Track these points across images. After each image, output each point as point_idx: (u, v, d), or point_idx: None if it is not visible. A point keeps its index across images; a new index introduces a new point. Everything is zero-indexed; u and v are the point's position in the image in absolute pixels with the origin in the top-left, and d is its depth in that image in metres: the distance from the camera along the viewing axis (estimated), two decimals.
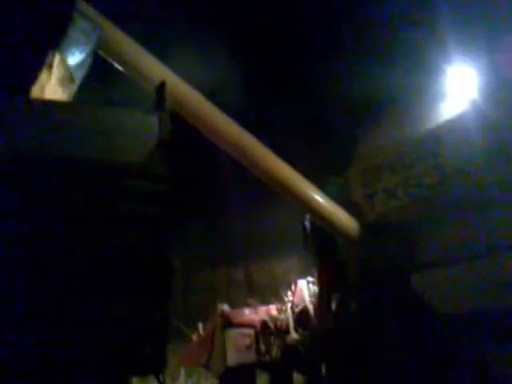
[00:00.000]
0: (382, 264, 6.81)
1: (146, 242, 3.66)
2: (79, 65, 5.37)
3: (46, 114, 3.76)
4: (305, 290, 8.51)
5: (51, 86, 4.87)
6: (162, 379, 3.69)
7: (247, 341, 8.36)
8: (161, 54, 6.06)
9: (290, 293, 8.79)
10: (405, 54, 6.68)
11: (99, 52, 5.78)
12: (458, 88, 6.10)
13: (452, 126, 6.06)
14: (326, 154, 7.82)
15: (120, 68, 5.90)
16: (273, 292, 9.58)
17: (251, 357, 8.34)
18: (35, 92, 4.62)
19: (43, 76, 4.86)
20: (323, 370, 7.89)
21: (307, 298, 8.41)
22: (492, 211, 5.59)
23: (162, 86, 4.31)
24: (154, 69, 5.83)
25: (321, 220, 7.09)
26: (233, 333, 8.33)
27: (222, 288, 16.76)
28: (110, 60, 5.89)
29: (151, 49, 6.03)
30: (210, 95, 6.26)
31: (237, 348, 8.28)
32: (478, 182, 5.68)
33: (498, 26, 5.80)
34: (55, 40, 5.24)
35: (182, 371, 9.61)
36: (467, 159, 5.86)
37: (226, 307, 8.67)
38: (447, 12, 6.17)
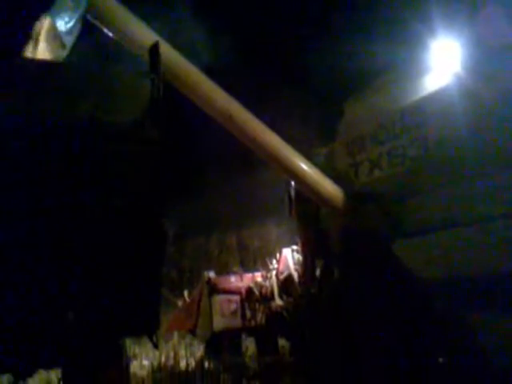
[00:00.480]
0: (366, 232, 6.98)
1: (139, 206, 3.69)
2: (69, 30, 5.35)
3: (37, 76, 3.71)
4: (289, 257, 8.73)
5: (41, 52, 4.86)
6: (154, 340, 3.78)
7: (233, 306, 8.60)
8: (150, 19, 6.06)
9: (274, 260, 9.01)
10: (389, 28, 6.76)
11: (89, 18, 5.78)
12: (441, 61, 6.17)
13: (436, 98, 6.16)
14: (312, 124, 7.92)
15: (110, 34, 5.89)
16: (266, 258, 9.72)
17: (237, 322, 8.59)
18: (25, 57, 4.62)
19: (33, 41, 4.85)
20: (307, 336, 8.09)
21: (292, 266, 8.63)
22: (473, 182, 5.71)
23: (155, 47, 4.26)
24: (145, 35, 5.83)
25: (306, 188, 7.23)
26: (219, 299, 8.55)
27: (214, 254, 16.99)
28: (100, 26, 5.88)
29: (141, 14, 6.03)
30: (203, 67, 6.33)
31: (222, 313, 8.51)
32: (461, 153, 5.81)
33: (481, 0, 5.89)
34: (44, 4, 5.22)
35: (176, 333, 9.82)
36: (450, 131, 5.98)
37: (211, 274, 8.87)
38: None
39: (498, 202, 5.48)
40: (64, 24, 5.23)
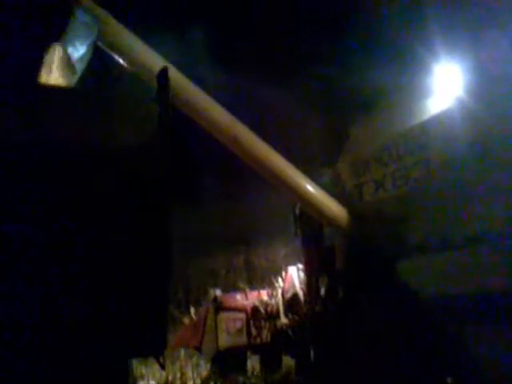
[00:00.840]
0: (369, 251, 7.08)
1: (147, 227, 3.68)
2: (80, 57, 5.54)
3: (53, 101, 3.73)
4: (295, 276, 8.82)
5: (54, 78, 5.03)
6: (161, 360, 3.77)
7: (238, 324, 8.69)
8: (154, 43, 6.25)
9: (280, 279, 9.10)
10: (394, 53, 6.92)
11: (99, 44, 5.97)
12: (444, 85, 6.33)
13: (438, 121, 6.31)
14: (318, 145, 8.07)
15: (120, 60, 6.08)
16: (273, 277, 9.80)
17: (242, 340, 8.67)
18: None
19: (45, 68, 5.02)
20: (312, 353, 8.16)
21: (297, 285, 8.71)
22: (472, 205, 5.83)
23: (164, 72, 4.28)
24: (153, 60, 6.01)
25: (311, 208, 7.36)
26: (224, 316, 8.65)
27: (222, 273, 16.97)
28: (110, 52, 6.07)
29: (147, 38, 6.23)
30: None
31: (228, 331, 8.60)
32: (462, 176, 5.94)
33: (482, 27, 6.03)
34: (56, 32, 5.40)
35: (182, 352, 9.87)
36: (452, 154, 6.12)
37: (218, 292, 8.97)
38: (435, 12, 6.40)
39: (494, 223, 5.62)
40: (76, 51, 5.42)
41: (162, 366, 3.91)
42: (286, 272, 8.97)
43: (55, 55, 5.11)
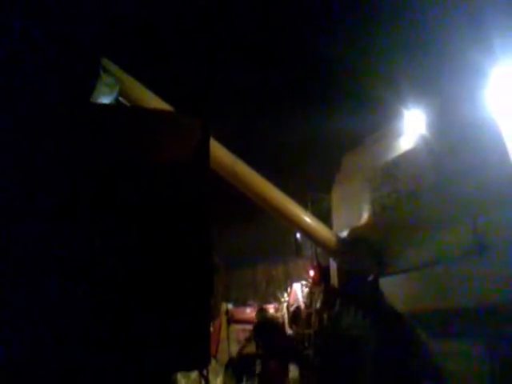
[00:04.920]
0: (356, 271, 8.07)
1: (189, 241, 3.66)
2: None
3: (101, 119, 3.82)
4: (299, 291, 9.84)
5: None
6: (205, 373, 4.08)
7: (248, 335, 9.74)
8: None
9: (286, 294, 10.14)
10: (374, 102, 8.07)
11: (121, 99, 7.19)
12: (412, 127, 7.34)
13: (407, 156, 7.29)
14: (313, 176, 9.20)
15: None
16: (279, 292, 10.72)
17: (251, 349, 9.69)
18: None
19: None
20: (315, 362, 9.08)
21: (300, 299, 9.73)
22: (435, 230, 6.74)
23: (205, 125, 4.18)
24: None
25: (304, 233, 8.44)
26: (235, 328, 9.72)
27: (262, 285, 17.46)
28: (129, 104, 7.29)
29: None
30: None
31: (239, 341, 9.66)
32: (423, 206, 6.88)
33: (443, 78, 7.05)
34: (85, 94, 6.60)
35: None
36: (418, 185, 7.07)
37: (230, 306, 10.07)
38: (403, 64, 7.54)
39: (458, 246, 6.48)
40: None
41: (206, 380, 4.11)
42: (291, 287, 10.00)
43: None
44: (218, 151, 7.57)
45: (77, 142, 3.52)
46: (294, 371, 9.71)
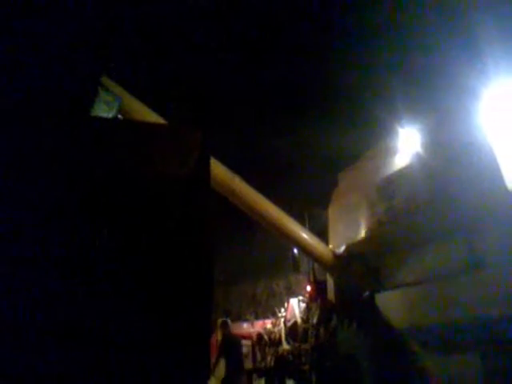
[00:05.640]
0: (352, 286, 8.16)
1: (188, 254, 3.53)
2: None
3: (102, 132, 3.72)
4: (295, 307, 9.91)
5: None
6: None
7: (245, 350, 9.75)
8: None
9: (283, 309, 10.20)
10: (371, 120, 8.26)
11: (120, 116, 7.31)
12: (407, 144, 7.48)
13: (401, 174, 7.42)
14: (310, 192, 9.33)
15: None
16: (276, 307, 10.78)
17: (248, 363, 9.72)
18: None
19: None
20: (312, 377, 9.13)
21: (298, 314, 9.79)
22: (430, 246, 6.85)
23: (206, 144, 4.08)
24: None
25: (303, 250, 8.54)
26: None
27: (263, 299, 17.46)
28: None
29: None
30: None
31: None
32: (422, 220, 6.97)
33: (438, 97, 7.22)
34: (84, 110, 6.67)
35: None
36: (413, 201, 7.17)
37: (228, 321, 10.10)
38: (399, 83, 7.73)
39: (453, 261, 6.58)
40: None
41: None
42: (288, 303, 10.06)
43: None
44: (216, 168, 7.69)
45: (75, 156, 3.33)
46: (290, 381, 9.75)
